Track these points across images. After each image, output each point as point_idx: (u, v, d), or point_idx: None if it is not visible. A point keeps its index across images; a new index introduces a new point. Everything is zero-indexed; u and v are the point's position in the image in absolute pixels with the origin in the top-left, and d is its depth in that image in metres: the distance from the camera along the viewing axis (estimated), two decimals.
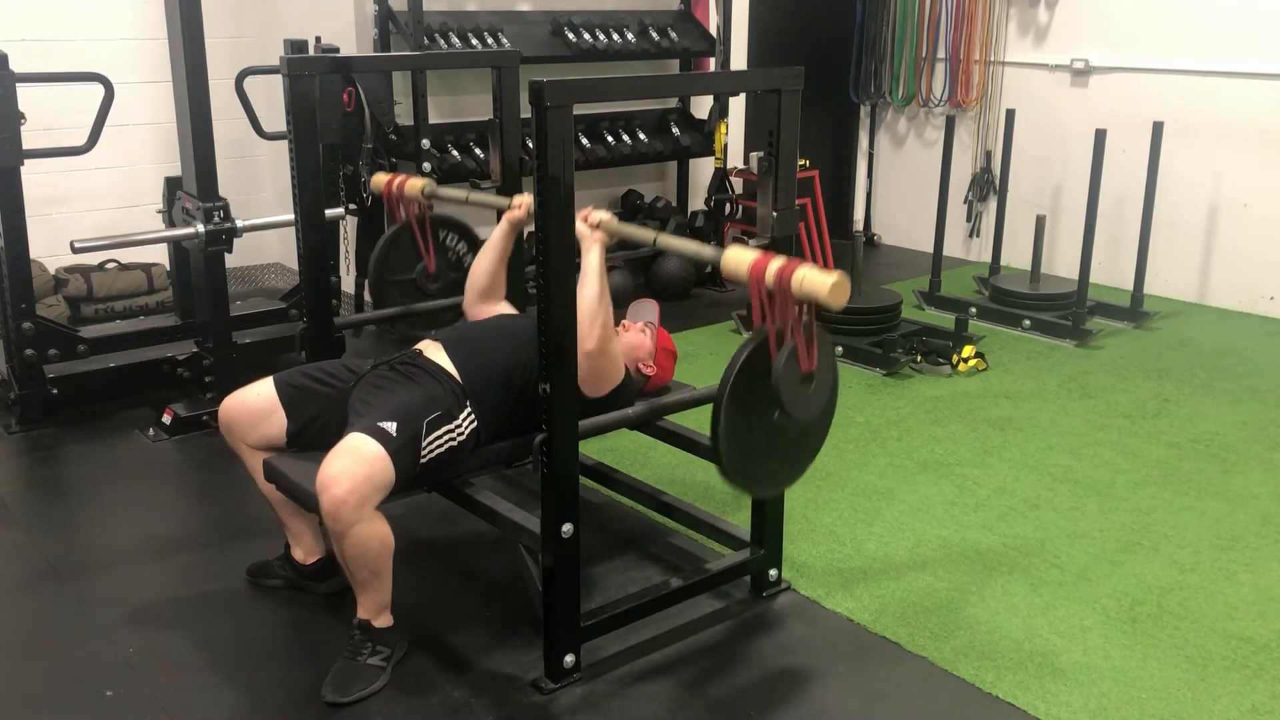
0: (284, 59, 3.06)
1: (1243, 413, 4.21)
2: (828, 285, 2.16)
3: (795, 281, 2.20)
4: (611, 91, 3.04)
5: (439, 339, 2.76)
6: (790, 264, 2.23)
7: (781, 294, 2.23)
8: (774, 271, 2.23)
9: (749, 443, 2.37)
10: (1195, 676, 2.58)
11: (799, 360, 2.28)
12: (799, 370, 2.29)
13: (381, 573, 2.47)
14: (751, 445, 2.37)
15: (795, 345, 2.26)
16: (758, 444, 2.38)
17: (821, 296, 2.17)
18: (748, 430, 2.35)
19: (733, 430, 2.30)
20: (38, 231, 4.05)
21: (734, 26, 5.77)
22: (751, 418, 2.34)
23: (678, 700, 2.49)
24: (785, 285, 2.21)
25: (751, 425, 2.35)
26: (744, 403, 2.30)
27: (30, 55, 4.30)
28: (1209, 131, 5.54)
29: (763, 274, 2.25)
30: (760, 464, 2.44)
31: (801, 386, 2.32)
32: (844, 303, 2.19)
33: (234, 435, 2.72)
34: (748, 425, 2.34)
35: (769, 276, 2.24)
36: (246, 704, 2.48)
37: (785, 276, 2.21)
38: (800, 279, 2.19)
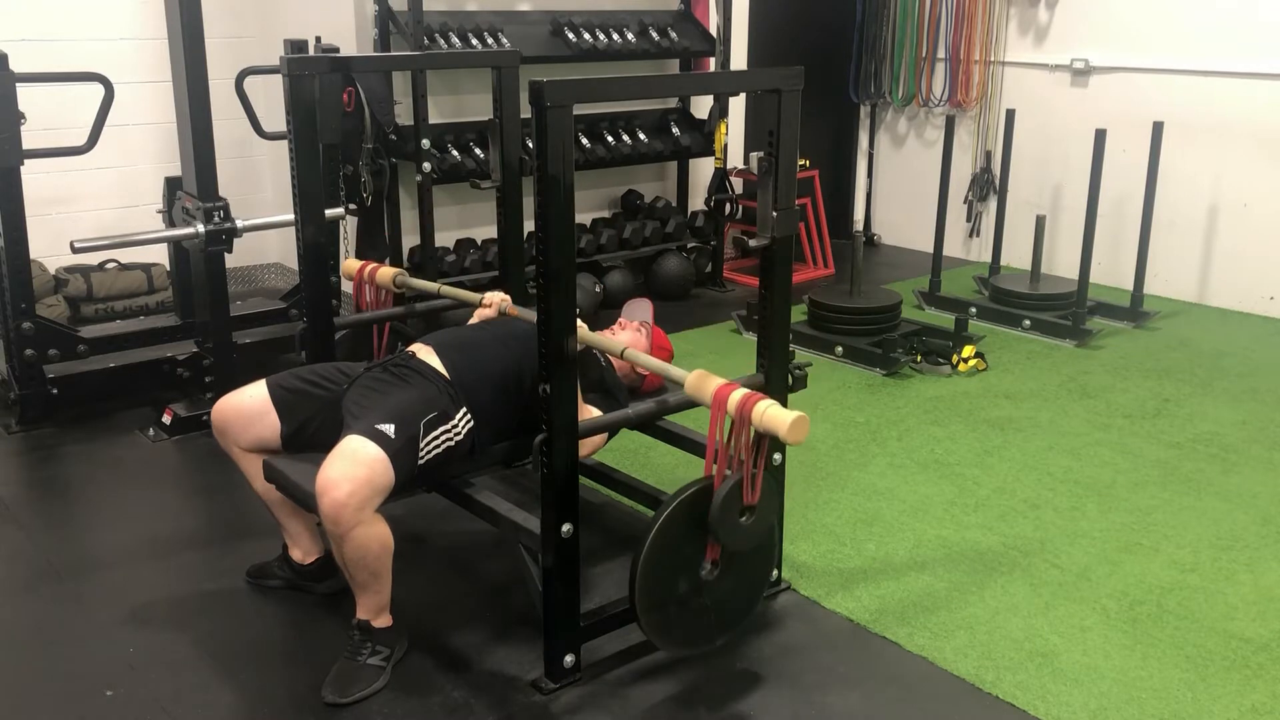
0: (284, 59, 3.06)
1: (1243, 413, 4.21)
2: (787, 422, 2.20)
3: (756, 414, 2.25)
4: (611, 91, 3.04)
5: (429, 342, 2.76)
6: (752, 397, 2.28)
7: (741, 423, 2.28)
8: (736, 401, 2.28)
9: (669, 590, 2.40)
10: (1195, 676, 2.58)
11: (742, 491, 2.33)
12: (739, 502, 2.34)
13: (381, 574, 2.47)
14: (672, 593, 2.41)
15: (739, 479, 2.32)
16: (679, 593, 2.42)
17: (781, 432, 2.21)
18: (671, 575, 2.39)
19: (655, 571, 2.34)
20: (38, 231, 4.06)
21: (734, 26, 5.77)
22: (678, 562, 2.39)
23: (678, 700, 2.49)
24: (746, 416, 2.26)
25: (676, 570, 2.39)
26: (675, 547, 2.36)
27: (30, 55, 4.31)
28: (1209, 131, 5.54)
29: (725, 402, 2.30)
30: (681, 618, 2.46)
31: (740, 518, 2.36)
32: (803, 439, 2.23)
33: (227, 438, 2.72)
34: (672, 570, 2.38)
35: (731, 405, 2.29)
36: (246, 704, 2.48)
37: (747, 408, 2.26)
38: (761, 412, 2.24)
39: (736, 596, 2.55)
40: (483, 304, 3.11)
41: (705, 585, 2.43)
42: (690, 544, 2.39)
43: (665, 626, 2.45)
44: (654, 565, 2.34)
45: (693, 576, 2.42)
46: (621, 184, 6.01)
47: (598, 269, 5.52)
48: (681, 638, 2.52)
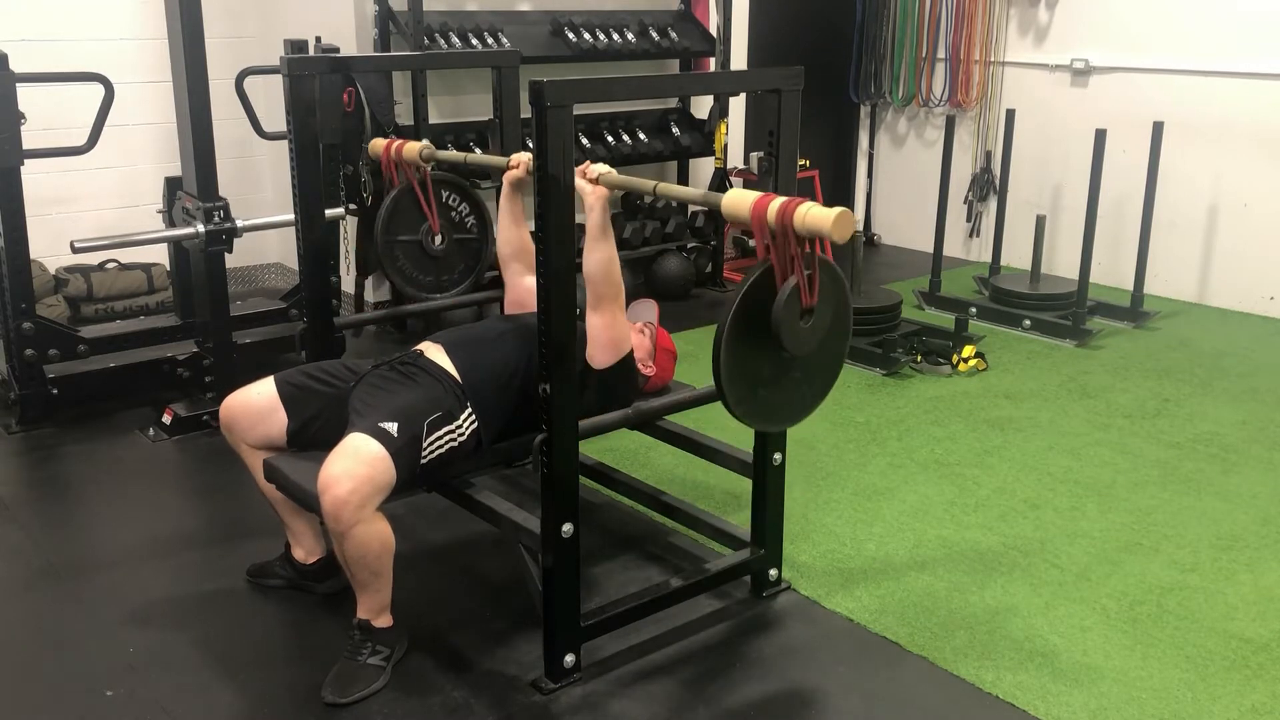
0: (284, 59, 3.06)
1: (1243, 413, 4.21)
2: (830, 218, 2.11)
3: (798, 217, 2.16)
4: (611, 91, 3.03)
5: (439, 340, 2.76)
6: (792, 201, 2.19)
7: (784, 231, 2.19)
8: (776, 209, 2.19)
9: (755, 376, 2.31)
10: (1195, 676, 2.58)
11: (800, 295, 2.24)
12: (799, 306, 2.25)
13: (382, 573, 2.47)
14: (758, 379, 2.32)
15: (797, 282, 2.22)
16: (765, 377, 2.33)
17: (825, 230, 2.12)
18: (754, 363, 2.30)
19: (736, 362, 2.25)
20: (38, 231, 4.06)
21: (734, 26, 5.77)
22: (758, 350, 2.29)
23: (678, 700, 2.49)
24: (788, 222, 2.17)
25: (758, 357, 2.30)
26: (749, 335, 2.25)
27: (30, 55, 4.31)
28: (1209, 131, 5.54)
29: (764, 213, 2.21)
30: (768, 398, 2.37)
31: (802, 321, 2.27)
32: (848, 236, 2.14)
33: (234, 434, 2.72)
34: (754, 357, 2.29)
35: (771, 215, 2.20)
36: (246, 704, 2.48)
37: (788, 213, 2.17)
38: (803, 214, 2.15)
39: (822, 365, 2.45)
40: (510, 166, 3.07)
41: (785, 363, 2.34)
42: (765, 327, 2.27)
43: (757, 409, 2.37)
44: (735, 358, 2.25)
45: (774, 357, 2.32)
46: None
47: None
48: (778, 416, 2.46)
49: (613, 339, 2.63)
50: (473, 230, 3.49)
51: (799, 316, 2.26)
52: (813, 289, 2.26)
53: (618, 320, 2.62)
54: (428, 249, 3.40)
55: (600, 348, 2.61)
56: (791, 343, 2.27)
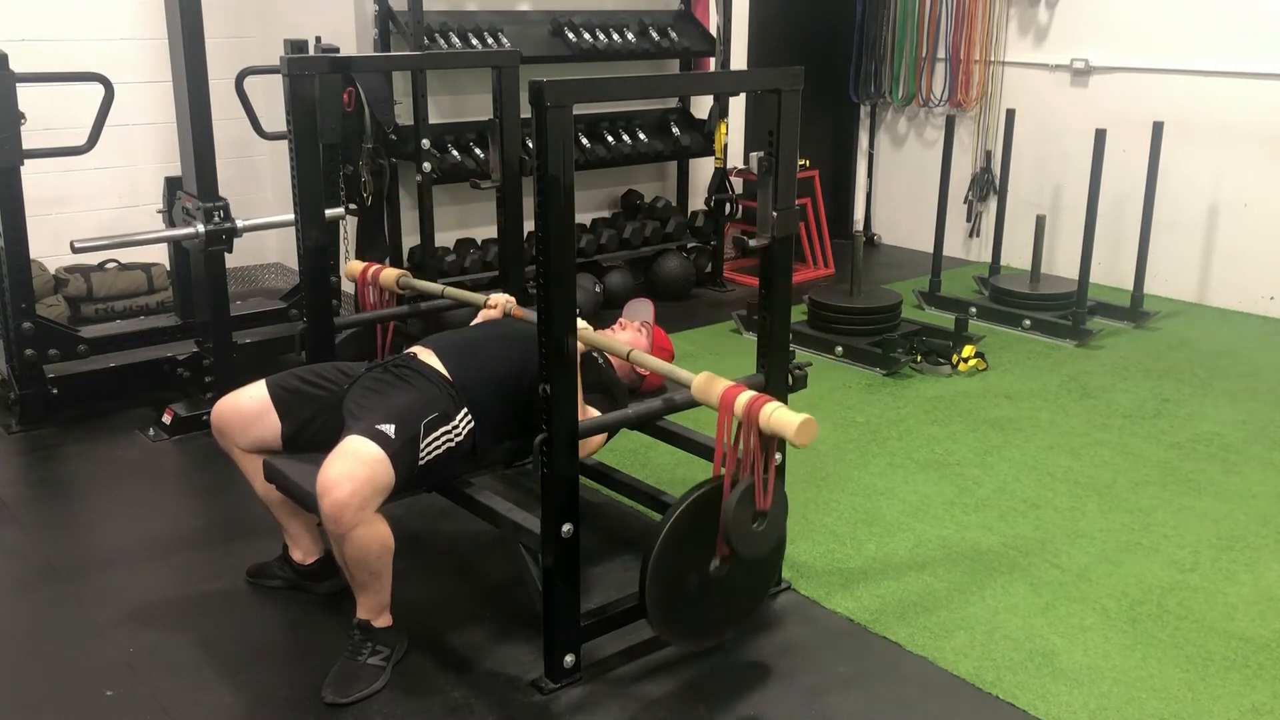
0: (284, 59, 3.06)
1: (1243, 413, 4.21)
2: (795, 424, 2.19)
3: (763, 416, 2.23)
4: (611, 91, 3.03)
5: (430, 344, 2.76)
6: (759, 399, 2.26)
7: (749, 426, 2.26)
8: (743, 404, 2.27)
9: (679, 586, 2.40)
10: (1195, 676, 2.58)
11: (754, 497, 2.32)
12: (751, 507, 2.33)
13: (382, 574, 2.47)
14: (681, 589, 2.41)
15: (752, 482, 2.30)
16: (689, 589, 2.42)
17: (789, 435, 2.20)
18: (681, 572, 2.39)
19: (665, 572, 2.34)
20: (38, 231, 4.05)
21: (734, 26, 5.78)
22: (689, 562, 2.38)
23: (678, 700, 2.49)
24: (753, 419, 2.25)
25: (688, 570, 2.39)
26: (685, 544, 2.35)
27: (30, 55, 4.31)
28: (1209, 131, 5.54)
29: (732, 405, 2.28)
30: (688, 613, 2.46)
31: (753, 524, 2.35)
32: (810, 441, 2.22)
33: (227, 438, 2.72)
34: (684, 569, 2.38)
35: (738, 408, 2.27)
36: (246, 704, 2.48)
37: (754, 410, 2.25)
38: (768, 415, 2.23)
39: (744, 592, 2.56)
40: (487, 305, 3.11)
41: (714, 582, 2.43)
42: (700, 542, 2.38)
43: (674, 622, 2.45)
44: (664, 562, 2.34)
45: (702, 573, 2.42)
46: (621, 184, 6.01)
47: (598, 269, 5.52)
48: (689, 633, 2.52)
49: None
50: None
51: (751, 519, 2.33)
52: (767, 492, 2.33)
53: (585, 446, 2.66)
54: None
55: None
56: (742, 546, 2.34)
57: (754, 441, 2.28)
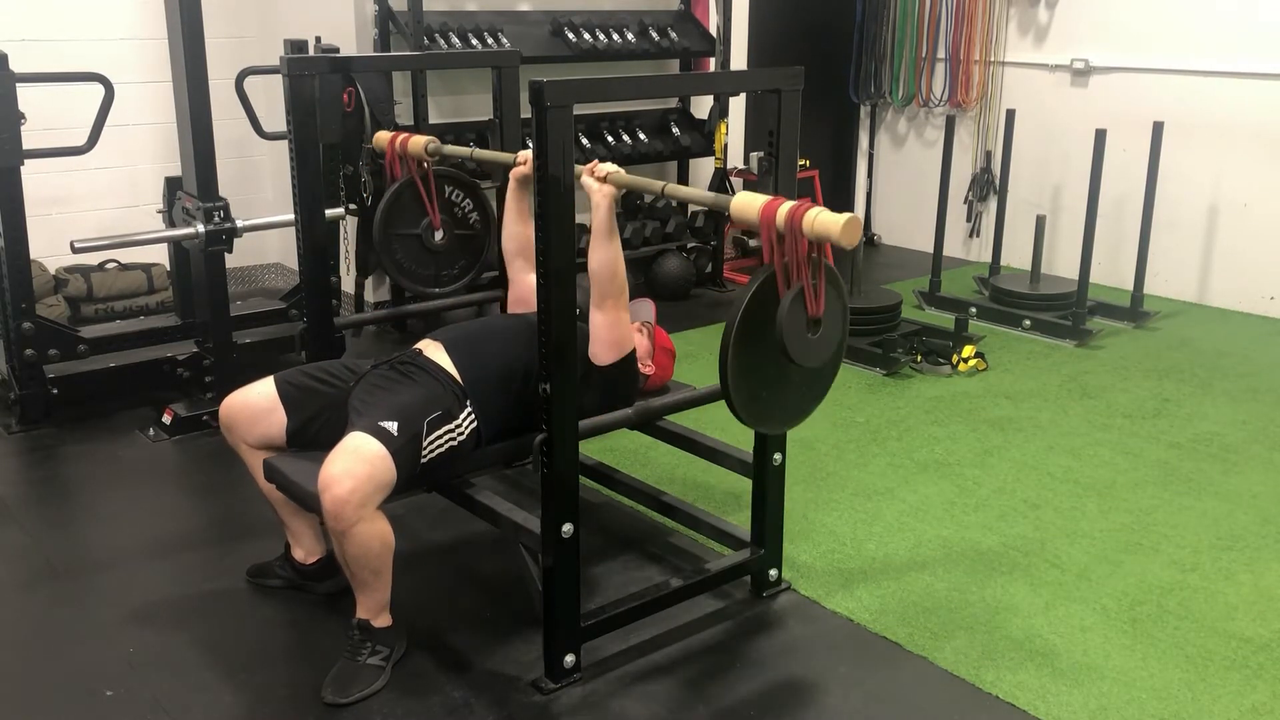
0: (284, 59, 3.06)
1: (1243, 413, 4.21)
2: (840, 224, 2.11)
3: (807, 222, 2.15)
4: (611, 91, 3.04)
5: (439, 339, 2.76)
6: (801, 205, 2.19)
7: (792, 235, 2.18)
8: (785, 213, 2.19)
9: (759, 379, 2.31)
10: (1195, 676, 2.58)
11: (806, 303, 2.23)
12: (804, 314, 2.24)
13: (382, 572, 2.47)
14: (761, 381, 2.32)
15: (802, 287, 2.21)
16: (768, 380, 2.33)
17: (834, 235, 2.12)
18: (757, 367, 2.29)
19: (742, 367, 2.25)
20: (38, 231, 4.05)
21: (734, 26, 5.77)
22: (761, 354, 2.28)
23: (678, 700, 2.49)
24: (796, 226, 2.17)
25: (761, 361, 2.29)
26: (753, 339, 2.25)
27: (30, 55, 4.31)
28: (1209, 131, 5.54)
29: (774, 216, 2.20)
30: (770, 401, 2.37)
31: (808, 331, 2.26)
32: (856, 241, 2.13)
33: (234, 434, 2.72)
34: (757, 362, 2.28)
35: (780, 218, 2.19)
36: (246, 704, 2.48)
37: (797, 217, 2.17)
38: (812, 219, 2.15)
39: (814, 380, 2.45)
40: (517, 162, 3.07)
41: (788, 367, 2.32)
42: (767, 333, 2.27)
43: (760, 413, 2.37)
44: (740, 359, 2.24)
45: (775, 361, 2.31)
46: None
47: None
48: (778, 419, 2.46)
49: (616, 337, 2.63)
50: (475, 227, 3.48)
51: (805, 327, 2.25)
52: (818, 299, 2.25)
53: (621, 318, 2.62)
54: (427, 244, 3.38)
55: (604, 345, 2.61)
56: (799, 354, 2.26)
57: (801, 250, 2.20)
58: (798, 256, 2.19)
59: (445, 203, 3.40)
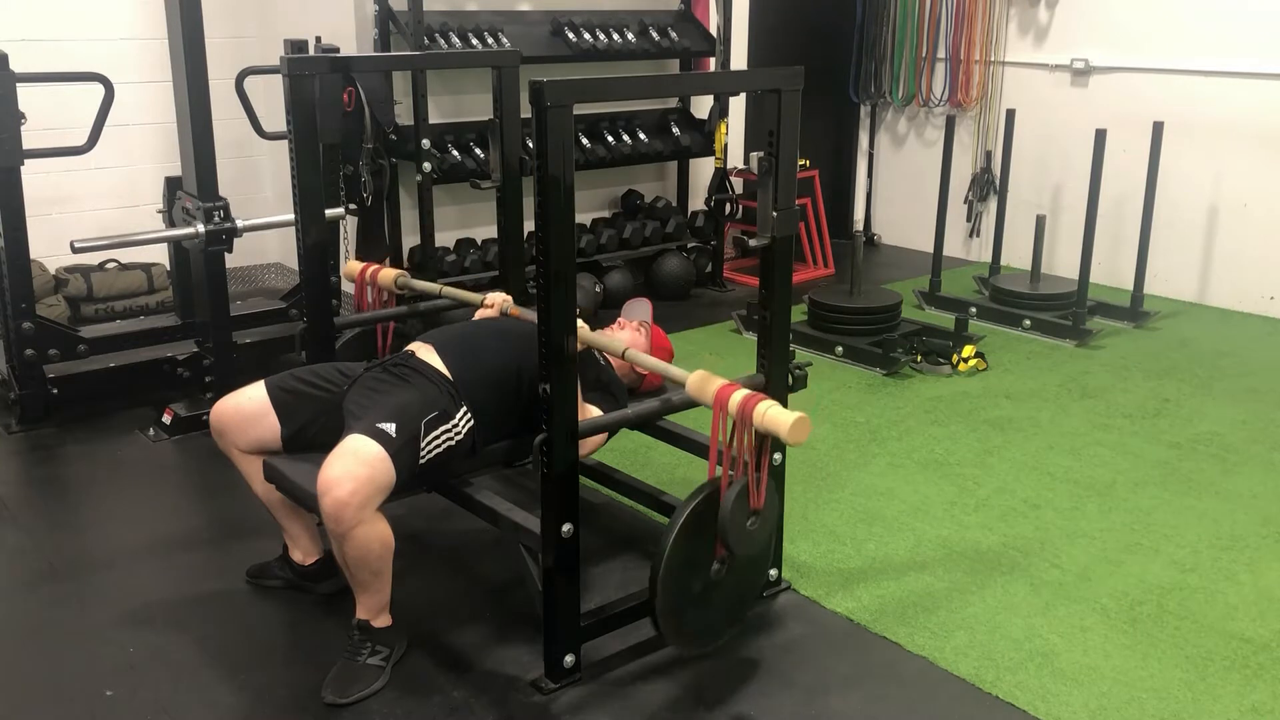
0: (284, 59, 3.06)
1: (1243, 413, 4.21)
2: (788, 423, 2.20)
3: (757, 415, 2.25)
4: (612, 91, 3.04)
5: (429, 340, 2.76)
6: (753, 398, 2.27)
7: (743, 424, 2.27)
8: (737, 402, 2.28)
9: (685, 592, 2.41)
10: (1195, 676, 2.58)
11: (748, 497, 2.33)
12: (746, 507, 2.34)
13: (382, 573, 2.47)
14: (687, 595, 2.42)
15: (745, 483, 2.31)
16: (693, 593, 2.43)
17: (782, 433, 2.21)
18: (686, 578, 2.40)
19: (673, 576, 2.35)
20: (38, 231, 4.05)
21: (734, 26, 5.77)
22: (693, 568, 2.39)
23: (677, 700, 2.49)
24: (748, 417, 2.26)
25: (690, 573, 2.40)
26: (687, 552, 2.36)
27: (30, 55, 4.30)
28: (1209, 131, 5.54)
29: (726, 403, 2.30)
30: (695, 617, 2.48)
31: (748, 523, 2.36)
32: (804, 439, 2.23)
33: (226, 439, 2.72)
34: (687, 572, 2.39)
35: (732, 406, 2.29)
36: (246, 704, 2.48)
37: (748, 409, 2.26)
38: (762, 413, 2.24)
39: (740, 592, 2.57)
40: (484, 305, 3.11)
41: (714, 584, 2.44)
42: (701, 546, 2.39)
43: (681, 628, 2.46)
44: (672, 571, 2.35)
45: (704, 576, 2.42)
46: (621, 184, 6.01)
47: (598, 269, 5.51)
48: (695, 637, 2.53)
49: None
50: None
51: (746, 518, 2.35)
52: (761, 492, 2.34)
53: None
54: None
55: None
56: (738, 544, 2.36)
57: (749, 440, 2.28)
58: (741, 446, 2.30)
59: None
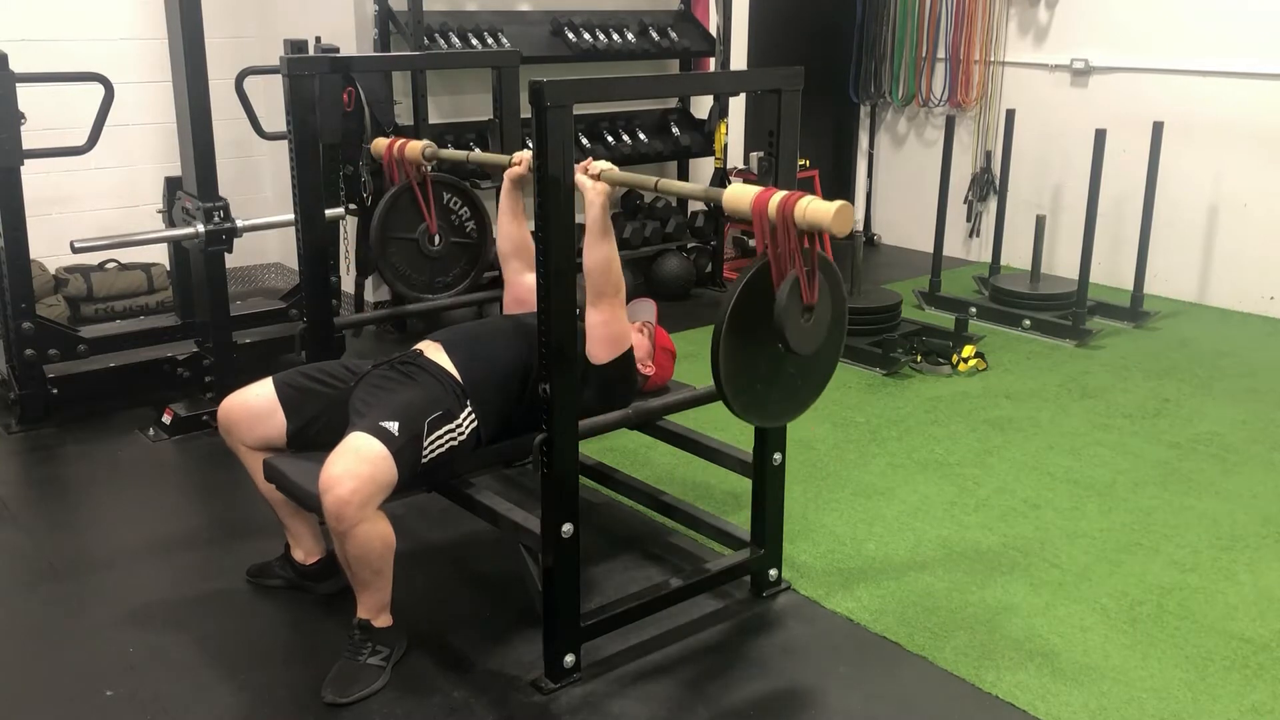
0: (284, 59, 3.06)
1: (1243, 413, 4.21)
2: (831, 212, 2.12)
3: (799, 211, 2.16)
4: (612, 91, 3.04)
5: (438, 339, 2.76)
6: (793, 195, 2.19)
7: (784, 224, 2.19)
8: (776, 203, 2.19)
9: (753, 371, 2.31)
10: (1195, 676, 2.58)
11: (801, 291, 2.23)
12: (800, 302, 2.24)
13: (383, 572, 2.47)
14: (755, 374, 2.32)
15: (797, 276, 2.21)
16: (762, 372, 2.33)
17: (825, 223, 2.12)
18: (751, 359, 2.29)
19: (734, 358, 2.25)
20: (38, 231, 4.05)
21: (734, 26, 5.78)
22: (755, 345, 2.29)
23: (678, 700, 2.49)
24: (788, 216, 2.17)
25: (756, 353, 2.30)
26: (746, 330, 2.25)
27: (30, 55, 4.31)
28: (1209, 131, 5.54)
29: (765, 207, 2.21)
30: (765, 393, 2.37)
31: (803, 319, 2.26)
32: (848, 229, 2.14)
33: (233, 436, 2.72)
34: (751, 353, 2.29)
35: (771, 209, 2.20)
36: (246, 704, 2.48)
37: (788, 207, 2.17)
38: (804, 208, 2.15)
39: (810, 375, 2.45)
40: (512, 163, 3.07)
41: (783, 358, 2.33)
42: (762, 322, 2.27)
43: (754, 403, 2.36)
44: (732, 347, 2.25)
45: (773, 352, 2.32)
46: None
47: None
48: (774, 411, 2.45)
49: (613, 334, 2.62)
50: (471, 234, 3.49)
51: (800, 314, 2.25)
52: (812, 286, 2.25)
53: (618, 316, 2.62)
54: (424, 249, 3.39)
55: (600, 343, 2.61)
56: (795, 341, 2.25)
57: (793, 239, 2.20)
58: (789, 246, 2.20)
59: (442, 209, 3.41)
